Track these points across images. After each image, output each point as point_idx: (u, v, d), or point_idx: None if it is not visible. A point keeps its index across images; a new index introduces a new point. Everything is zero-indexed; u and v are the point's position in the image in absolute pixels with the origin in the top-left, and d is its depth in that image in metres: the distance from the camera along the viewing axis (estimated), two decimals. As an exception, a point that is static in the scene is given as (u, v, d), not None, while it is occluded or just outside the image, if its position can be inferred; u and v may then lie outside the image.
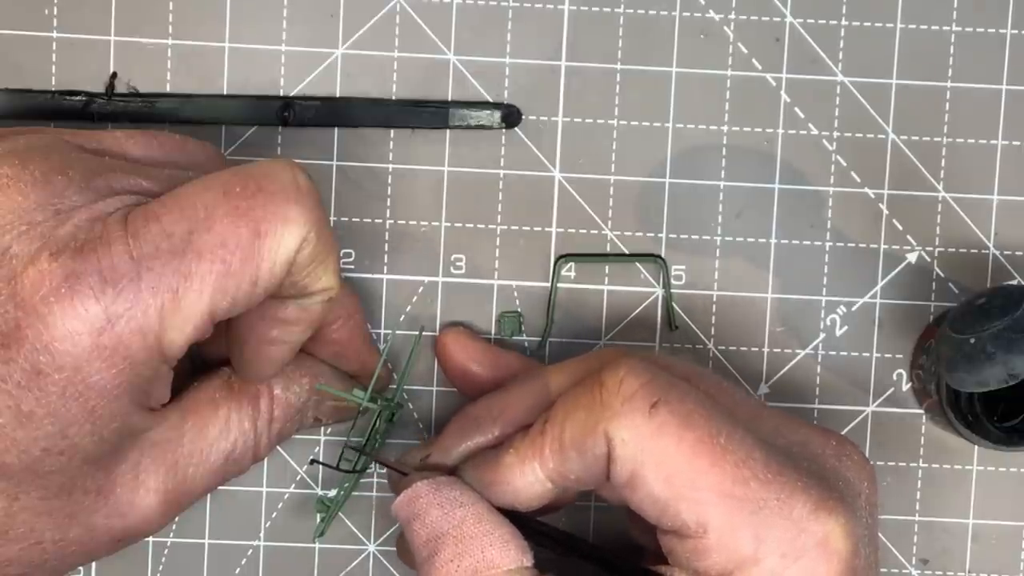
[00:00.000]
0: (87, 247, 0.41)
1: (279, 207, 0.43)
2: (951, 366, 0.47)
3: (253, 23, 0.53)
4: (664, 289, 0.54)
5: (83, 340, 0.41)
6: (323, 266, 0.45)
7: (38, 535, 0.44)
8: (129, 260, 0.41)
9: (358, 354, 0.51)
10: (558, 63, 0.54)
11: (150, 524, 0.47)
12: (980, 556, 0.55)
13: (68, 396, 0.42)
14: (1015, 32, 0.54)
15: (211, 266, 0.42)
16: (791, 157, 0.54)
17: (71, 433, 0.42)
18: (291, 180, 0.43)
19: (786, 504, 0.43)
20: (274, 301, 0.45)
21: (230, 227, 0.42)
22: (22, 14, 0.53)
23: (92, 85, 0.53)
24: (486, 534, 0.45)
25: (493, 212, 0.54)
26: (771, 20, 0.54)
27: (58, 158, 0.44)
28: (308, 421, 0.51)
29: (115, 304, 0.41)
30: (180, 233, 0.42)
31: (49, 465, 0.43)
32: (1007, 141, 0.54)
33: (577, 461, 0.45)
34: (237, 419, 0.49)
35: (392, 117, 0.54)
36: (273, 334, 0.47)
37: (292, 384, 0.50)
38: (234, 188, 0.43)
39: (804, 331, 0.55)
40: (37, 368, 0.41)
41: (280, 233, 0.43)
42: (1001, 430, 0.50)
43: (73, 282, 0.41)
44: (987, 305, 0.47)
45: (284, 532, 0.54)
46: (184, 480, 0.47)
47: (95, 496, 0.45)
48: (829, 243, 0.54)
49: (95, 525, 0.45)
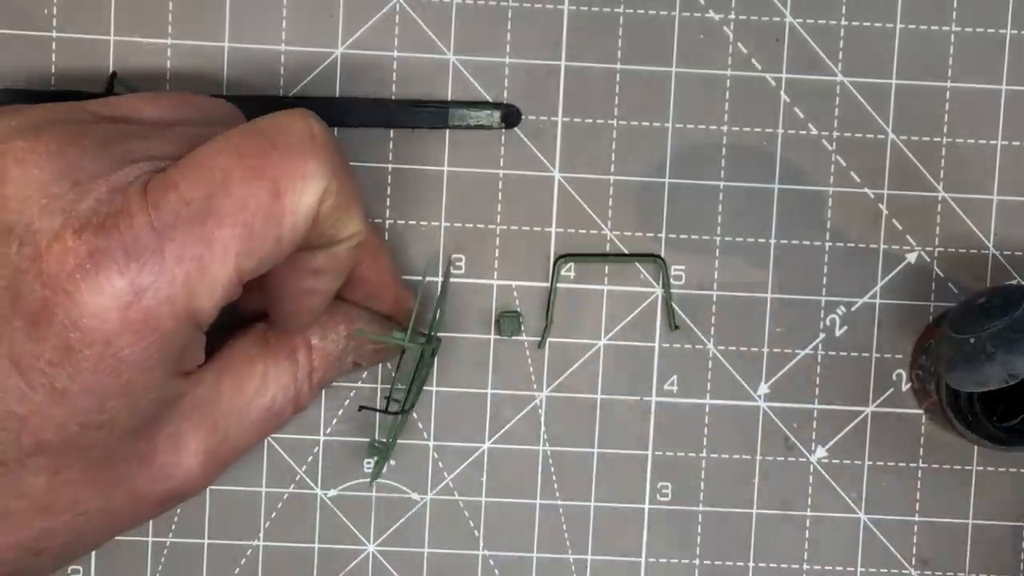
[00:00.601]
0: (109, 222, 0.41)
1: (295, 163, 0.43)
2: (951, 366, 0.47)
3: (253, 23, 0.53)
4: (664, 289, 0.54)
5: (111, 315, 0.41)
6: (347, 214, 0.45)
7: (83, 505, 0.44)
8: (151, 231, 0.41)
9: (391, 292, 0.51)
10: (558, 63, 0.54)
11: (194, 485, 0.47)
12: (980, 556, 0.55)
13: (101, 371, 0.42)
14: (1015, 32, 0.54)
15: (233, 230, 0.42)
16: (791, 157, 0.54)
17: (107, 407, 0.42)
18: (306, 132, 0.43)
19: None
20: (303, 253, 0.45)
21: (248, 189, 0.42)
22: (22, 14, 0.53)
23: (92, 85, 0.53)
24: None
25: (493, 212, 0.54)
26: (771, 20, 0.54)
27: (72, 128, 0.44)
28: (348, 366, 0.51)
29: (140, 277, 0.41)
30: (199, 199, 0.42)
31: (88, 439, 0.43)
32: (1007, 141, 0.54)
33: None
34: (275, 374, 0.48)
35: (392, 117, 0.54)
36: (306, 285, 0.47)
37: (329, 333, 0.50)
38: (248, 148, 0.43)
39: (804, 331, 0.55)
40: (68, 345, 0.41)
41: (299, 189, 0.43)
42: (1001, 430, 0.50)
43: (98, 258, 0.41)
44: (987, 305, 0.47)
45: (284, 532, 0.54)
46: (225, 439, 0.47)
47: (137, 464, 0.45)
48: (829, 243, 0.54)
49: (139, 491, 0.45)
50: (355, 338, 0.50)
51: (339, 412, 0.54)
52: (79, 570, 0.54)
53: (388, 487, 0.54)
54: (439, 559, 0.55)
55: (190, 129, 0.45)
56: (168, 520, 0.54)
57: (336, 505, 0.54)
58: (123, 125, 0.45)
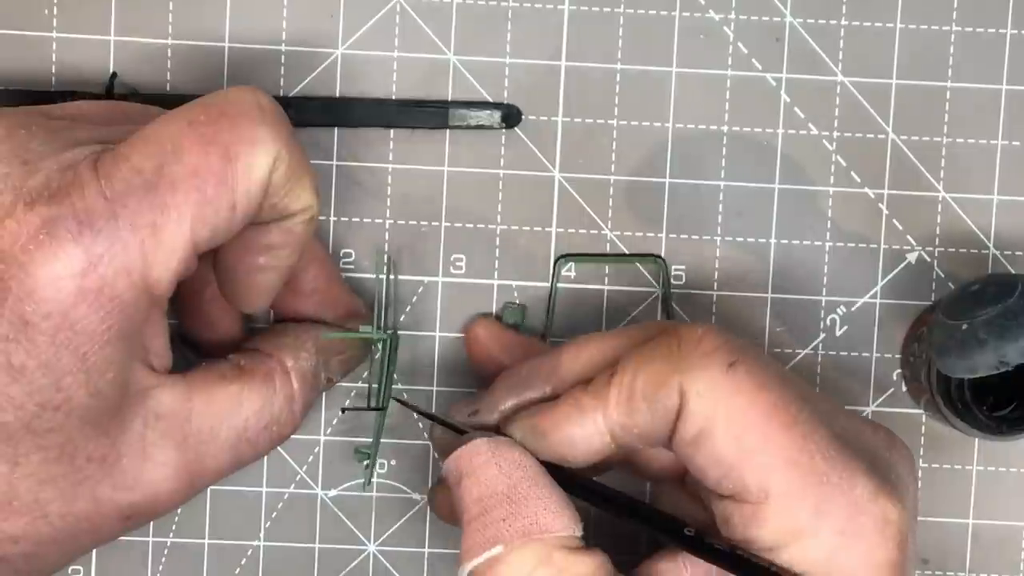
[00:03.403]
0: (60, 193, 0.41)
1: (245, 129, 0.43)
2: (942, 351, 0.47)
3: (253, 22, 0.53)
4: (664, 289, 0.54)
5: (66, 284, 0.41)
6: (300, 184, 0.45)
7: (43, 506, 0.44)
8: (104, 201, 0.41)
9: (339, 298, 0.52)
10: (558, 63, 0.54)
11: (159, 501, 0.46)
12: (980, 556, 0.55)
13: (58, 344, 0.42)
14: (1015, 32, 0.54)
15: (186, 196, 0.42)
16: (791, 157, 0.54)
17: (65, 385, 0.42)
18: (254, 102, 0.44)
19: (848, 483, 0.43)
20: (257, 228, 0.46)
21: (199, 155, 0.42)
22: (22, 14, 0.53)
23: (92, 85, 0.53)
24: (541, 498, 0.45)
25: (493, 212, 0.54)
26: (771, 20, 0.54)
27: (17, 118, 0.44)
28: (322, 384, 0.51)
29: (95, 245, 0.41)
30: (151, 168, 0.42)
31: (46, 422, 0.42)
32: (1007, 141, 0.54)
33: (645, 413, 0.45)
34: (249, 396, 0.48)
35: (392, 117, 0.54)
36: (260, 261, 0.47)
37: (299, 352, 0.50)
38: (198, 117, 0.43)
39: (804, 331, 0.55)
40: (24, 319, 0.41)
41: (250, 154, 0.43)
42: (991, 419, 0.50)
43: (50, 227, 0.41)
44: (980, 292, 0.47)
45: (284, 532, 0.54)
46: (195, 457, 0.47)
47: (99, 463, 0.44)
48: (829, 243, 0.54)
49: (101, 497, 0.45)
50: (322, 354, 0.50)
51: (339, 412, 0.54)
52: (79, 570, 0.54)
53: (388, 487, 0.54)
54: (439, 559, 0.55)
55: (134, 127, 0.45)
56: (168, 520, 0.54)
57: (336, 505, 0.54)
58: (70, 121, 0.46)
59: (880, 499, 0.43)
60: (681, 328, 0.45)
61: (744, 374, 0.44)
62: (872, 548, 0.43)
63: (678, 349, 0.45)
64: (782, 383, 0.44)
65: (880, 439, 0.46)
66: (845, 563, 0.43)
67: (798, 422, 0.43)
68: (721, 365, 0.44)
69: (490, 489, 0.45)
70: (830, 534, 0.43)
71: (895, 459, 0.46)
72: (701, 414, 0.44)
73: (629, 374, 0.45)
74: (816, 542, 0.43)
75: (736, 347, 0.44)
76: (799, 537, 0.43)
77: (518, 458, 0.46)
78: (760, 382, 0.44)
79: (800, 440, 0.43)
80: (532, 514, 0.45)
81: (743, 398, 0.44)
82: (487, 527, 0.45)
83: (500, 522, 0.45)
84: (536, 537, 0.44)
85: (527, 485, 0.45)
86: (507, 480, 0.45)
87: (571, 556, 0.44)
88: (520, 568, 0.44)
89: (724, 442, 0.44)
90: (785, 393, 0.44)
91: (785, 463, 0.43)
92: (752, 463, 0.43)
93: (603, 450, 0.46)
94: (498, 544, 0.44)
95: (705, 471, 0.44)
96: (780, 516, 0.43)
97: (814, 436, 0.43)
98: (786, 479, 0.43)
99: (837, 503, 0.43)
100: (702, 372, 0.44)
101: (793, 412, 0.44)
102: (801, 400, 0.44)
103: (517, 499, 0.45)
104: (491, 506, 0.45)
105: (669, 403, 0.44)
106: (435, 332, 0.54)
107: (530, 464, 0.46)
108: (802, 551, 0.43)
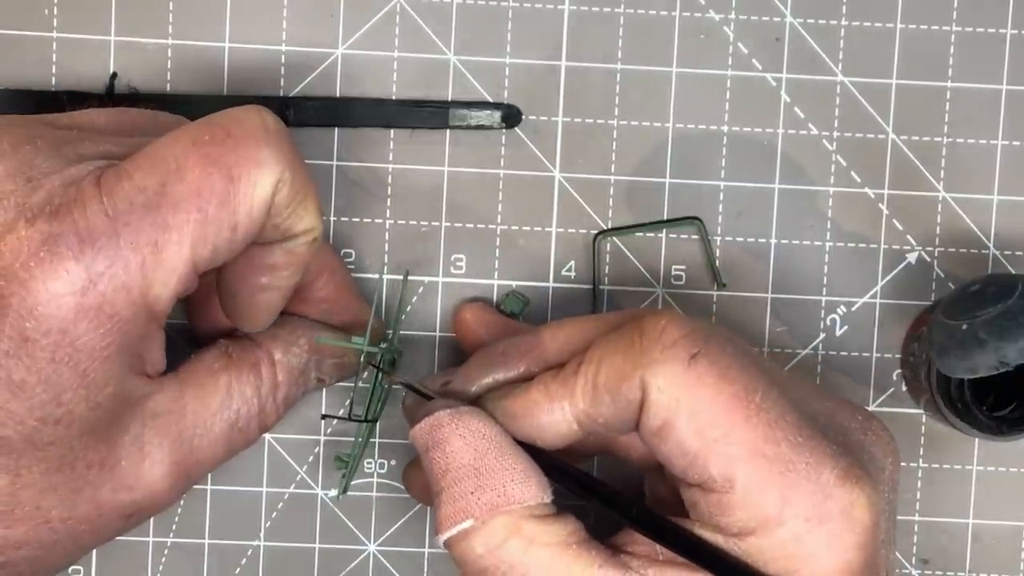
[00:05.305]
0: (62, 210, 0.42)
1: (250, 150, 0.43)
2: (942, 351, 0.47)
3: (253, 23, 0.53)
4: (707, 248, 0.54)
5: (67, 302, 0.41)
6: (303, 206, 0.45)
7: (44, 513, 0.44)
8: (105, 218, 0.41)
9: (347, 307, 0.52)
10: (558, 63, 0.54)
11: (158, 498, 0.46)
12: (980, 556, 0.55)
13: (58, 361, 0.42)
14: (1015, 32, 0.54)
15: (188, 216, 0.42)
16: (791, 157, 0.54)
17: (65, 400, 0.42)
18: (259, 123, 0.44)
19: (814, 469, 0.43)
20: (260, 248, 0.46)
21: (202, 175, 0.42)
22: (22, 14, 0.53)
23: (92, 85, 0.53)
24: (507, 468, 0.45)
25: (493, 212, 0.54)
26: (771, 20, 0.54)
27: (24, 131, 0.44)
28: (312, 383, 0.51)
29: (95, 263, 0.41)
30: (153, 187, 0.42)
31: (47, 436, 0.43)
32: (1007, 141, 0.54)
33: (609, 405, 0.45)
34: (238, 387, 0.48)
35: (392, 117, 0.54)
36: (263, 281, 0.47)
37: (291, 347, 0.50)
38: (203, 137, 0.43)
39: (804, 331, 0.55)
40: (24, 335, 0.41)
41: (253, 176, 0.43)
42: (991, 419, 0.50)
43: (51, 245, 0.41)
44: (980, 292, 0.47)
45: (284, 532, 0.54)
46: (190, 451, 0.47)
47: (99, 469, 0.45)
48: (829, 243, 0.54)
49: (101, 500, 0.45)
50: (317, 353, 0.50)
51: (340, 412, 0.54)
52: (80, 570, 0.54)
53: (388, 487, 0.55)
54: (439, 559, 0.55)
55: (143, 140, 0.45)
56: (169, 520, 0.54)
57: (336, 505, 0.54)
58: (76, 131, 0.46)
59: (847, 483, 0.43)
60: (645, 319, 0.45)
61: (706, 365, 0.44)
62: (839, 532, 0.43)
63: (640, 342, 0.45)
64: (747, 371, 0.44)
65: (856, 420, 0.46)
66: (812, 548, 0.43)
67: (763, 410, 0.43)
68: (682, 358, 0.44)
69: (456, 461, 0.45)
70: (797, 520, 0.43)
71: (870, 440, 0.46)
72: (663, 407, 0.44)
73: (593, 366, 0.45)
74: (783, 529, 0.43)
75: (699, 337, 0.44)
76: (766, 524, 0.43)
77: (481, 427, 0.46)
78: (722, 372, 0.44)
79: (765, 428, 0.43)
80: (499, 486, 0.45)
81: (705, 390, 0.44)
82: (456, 500, 0.45)
83: (469, 495, 0.45)
84: (504, 509, 0.44)
85: (493, 456, 0.45)
86: (472, 451, 0.45)
87: (541, 525, 0.45)
88: (491, 540, 0.45)
89: (687, 434, 0.44)
90: (750, 381, 0.44)
91: (749, 453, 0.43)
92: (716, 454, 0.43)
93: (570, 435, 0.46)
94: (468, 518, 0.45)
95: (671, 461, 0.45)
96: (746, 505, 0.43)
97: (780, 423, 0.44)
98: (750, 469, 0.43)
99: (803, 489, 0.43)
100: (662, 366, 0.44)
101: (757, 401, 0.44)
102: (768, 386, 0.44)
103: (483, 471, 0.45)
104: (459, 478, 0.45)
105: (631, 396, 0.44)
106: (435, 332, 0.54)
107: (494, 434, 0.46)
108: (769, 537, 0.43)
